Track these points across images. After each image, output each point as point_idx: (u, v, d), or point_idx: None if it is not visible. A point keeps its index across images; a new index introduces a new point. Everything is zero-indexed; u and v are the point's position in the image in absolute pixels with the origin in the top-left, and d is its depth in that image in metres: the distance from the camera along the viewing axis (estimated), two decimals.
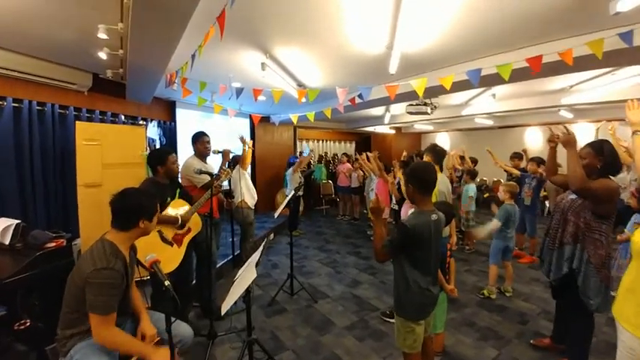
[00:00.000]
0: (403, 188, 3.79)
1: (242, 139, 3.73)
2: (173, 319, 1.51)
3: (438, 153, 2.88)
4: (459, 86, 3.25)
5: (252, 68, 3.66)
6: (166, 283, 1.40)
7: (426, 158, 2.94)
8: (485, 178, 9.52)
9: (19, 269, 2.07)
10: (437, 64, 3.53)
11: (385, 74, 3.47)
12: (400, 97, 3.88)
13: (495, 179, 9.50)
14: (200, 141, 3.12)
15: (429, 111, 4.12)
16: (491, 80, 3.16)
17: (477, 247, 5.34)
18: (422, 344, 1.81)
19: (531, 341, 2.72)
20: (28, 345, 2.01)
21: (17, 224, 2.38)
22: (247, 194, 4.09)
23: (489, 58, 3.24)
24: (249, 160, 3.88)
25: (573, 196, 2.24)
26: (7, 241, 2.29)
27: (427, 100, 4.14)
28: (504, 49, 3.16)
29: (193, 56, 2.47)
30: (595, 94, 5.10)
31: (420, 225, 1.68)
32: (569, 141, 2.09)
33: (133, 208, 1.64)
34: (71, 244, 2.67)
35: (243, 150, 3.75)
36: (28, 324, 2.12)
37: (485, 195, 7.63)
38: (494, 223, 3.42)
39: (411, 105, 4.19)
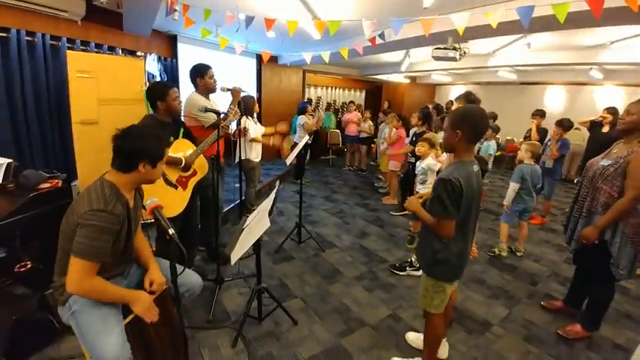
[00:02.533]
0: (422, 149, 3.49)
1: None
2: (180, 268, 1.39)
3: (473, 102, 2.53)
4: (504, 28, 2.80)
5: None
6: (170, 231, 1.24)
7: (457, 106, 2.65)
8: (498, 136, 9.18)
9: (12, 211, 1.93)
10: (480, 0, 3.04)
11: (416, 9, 3.03)
12: (429, 39, 3.45)
13: (509, 137, 9.16)
14: (207, 74, 2.77)
15: (457, 57, 3.70)
16: (542, 23, 2.73)
17: (487, 206, 5.23)
18: None
19: (542, 303, 2.67)
20: (30, 287, 1.95)
21: (9, 163, 2.18)
22: (251, 151, 3.92)
23: None
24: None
25: (605, 163, 2.07)
26: None
27: (456, 45, 3.71)
28: None
29: None
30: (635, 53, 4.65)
31: (464, 177, 1.47)
32: None
33: (135, 150, 1.43)
34: (70, 185, 2.52)
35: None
36: (29, 266, 2.04)
37: (497, 153, 7.39)
38: (512, 187, 3.29)
39: (439, 49, 3.75)
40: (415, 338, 2.17)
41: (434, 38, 3.62)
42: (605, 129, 4.68)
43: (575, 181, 7.50)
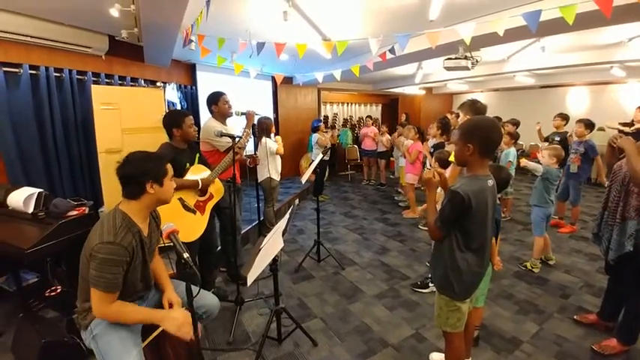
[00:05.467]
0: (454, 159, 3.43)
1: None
2: (195, 290, 1.42)
3: (479, 110, 2.36)
4: (512, 34, 2.77)
5: (272, 20, 3.34)
6: (185, 255, 1.28)
7: (463, 117, 2.57)
8: (521, 142, 8.90)
9: (42, 238, 2.04)
10: (486, 9, 3.01)
11: (422, 22, 3.05)
12: (439, 50, 3.46)
13: (532, 143, 8.87)
14: (221, 100, 2.90)
15: (469, 66, 3.67)
16: (550, 27, 2.67)
17: (513, 216, 5.04)
18: None
19: (575, 317, 2.52)
20: (59, 311, 2.03)
21: (39, 193, 2.33)
22: (273, 170, 3.99)
23: (546, 2, 2.75)
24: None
25: None
26: (30, 210, 2.25)
27: (468, 54, 3.69)
28: None
29: (208, 2, 2.22)
30: None
31: (475, 193, 1.43)
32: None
33: (138, 172, 1.47)
34: (97, 212, 2.65)
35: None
36: (59, 290, 2.14)
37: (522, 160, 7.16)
38: (536, 166, 3.18)
39: (450, 59, 3.73)
40: (439, 359, 2.08)
41: (445, 49, 3.62)
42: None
43: (605, 185, 7.13)
